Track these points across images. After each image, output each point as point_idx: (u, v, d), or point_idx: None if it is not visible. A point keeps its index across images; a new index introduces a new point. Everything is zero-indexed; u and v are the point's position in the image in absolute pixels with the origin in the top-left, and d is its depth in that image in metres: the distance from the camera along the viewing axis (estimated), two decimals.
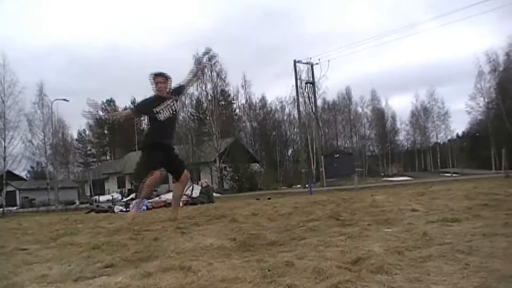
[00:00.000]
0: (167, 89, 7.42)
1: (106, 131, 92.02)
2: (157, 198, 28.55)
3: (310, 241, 4.20)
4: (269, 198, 17.46)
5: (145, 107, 7.62)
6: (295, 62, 48.99)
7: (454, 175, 58.75)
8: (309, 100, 54.60)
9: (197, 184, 30.13)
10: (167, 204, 20.67)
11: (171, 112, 7.36)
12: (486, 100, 65.63)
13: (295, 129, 65.01)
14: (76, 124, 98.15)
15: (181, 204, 20.81)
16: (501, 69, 61.35)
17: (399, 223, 4.97)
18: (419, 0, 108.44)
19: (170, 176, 9.76)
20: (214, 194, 34.51)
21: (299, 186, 49.76)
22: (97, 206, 25.28)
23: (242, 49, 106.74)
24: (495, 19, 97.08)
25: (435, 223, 4.65)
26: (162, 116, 7.27)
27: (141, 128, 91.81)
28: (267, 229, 5.41)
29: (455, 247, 3.30)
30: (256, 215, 7.41)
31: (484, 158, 72.49)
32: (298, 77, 50.81)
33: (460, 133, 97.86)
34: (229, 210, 8.96)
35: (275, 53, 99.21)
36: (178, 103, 7.58)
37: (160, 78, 7.35)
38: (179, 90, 7.78)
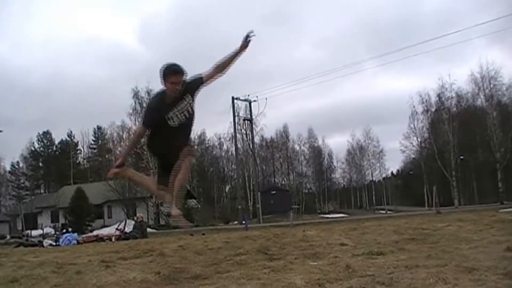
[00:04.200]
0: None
1: (41, 164, 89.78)
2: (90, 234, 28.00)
3: (234, 274, 4.14)
4: (203, 234, 17.29)
5: (154, 117, 5.59)
6: (233, 98, 49.26)
7: (388, 212, 59.79)
8: (247, 137, 54.89)
9: (132, 219, 29.70)
10: (98, 239, 20.28)
11: (186, 115, 5.58)
12: (419, 139, 67.62)
13: (233, 166, 65.10)
14: (10, 155, 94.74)
15: (113, 239, 20.55)
16: (433, 109, 63.23)
17: (326, 256, 4.96)
18: (360, 41, 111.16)
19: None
20: (150, 230, 34.05)
21: (236, 222, 49.56)
22: (26, 240, 24.49)
23: None
24: (429, 62, 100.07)
25: (360, 256, 4.66)
26: (173, 123, 5.53)
27: (77, 162, 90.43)
28: (193, 263, 5.33)
29: (376, 279, 3.30)
30: (185, 249, 7.29)
31: (418, 196, 74.18)
32: (236, 113, 51.11)
33: (394, 171, 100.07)
34: (159, 245, 8.80)
35: (219, 89, 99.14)
36: (194, 103, 5.65)
37: (180, 76, 5.39)
38: (197, 84, 5.70)
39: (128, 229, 22.64)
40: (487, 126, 56.52)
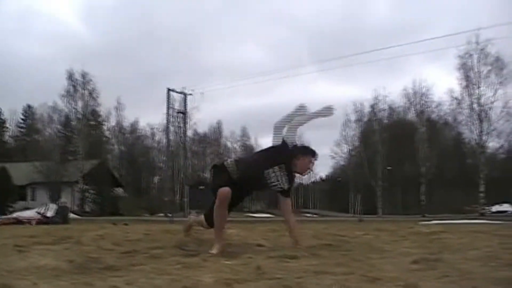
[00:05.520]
0: None
1: None
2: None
3: (146, 267, 4.16)
4: (126, 224, 17.11)
5: None
6: (168, 90, 48.91)
7: (314, 216, 60.69)
8: (180, 130, 54.67)
9: (55, 203, 29.16)
10: (17, 222, 19.87)
11: None
12: (349, 147, 68.95)
13: (164, 157, 64.59)
14: None
15: (33, 223, 20.13)
16: (365, 119, 64.70)
17: (240, 256, 5.02)
18: (304, 44, 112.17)
19: None
20: (74, 216, 33.49)
21: (162, 214, 49.28)
22: None
23: (126, 69, 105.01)
24: (369, 72, 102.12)
25: (274, 259, 4.73)
26: None
27: (3, 140, 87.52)
28: (109, 253, 5.31)
29: (282, 282, 3.38)
30: (104, 238, 7.22)
31: (344, 202, 75.66)
32: (171, 105, 50.80)
33: (323, 177, 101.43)
34: (78, 232, 8.68)
35: (155, 79, 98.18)
36: None
37: None
38: None
39: (50, 213, 22.23)
40: (415, 140, 58.23)
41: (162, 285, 3.34)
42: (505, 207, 56.97)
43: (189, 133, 60.43)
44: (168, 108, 49.85)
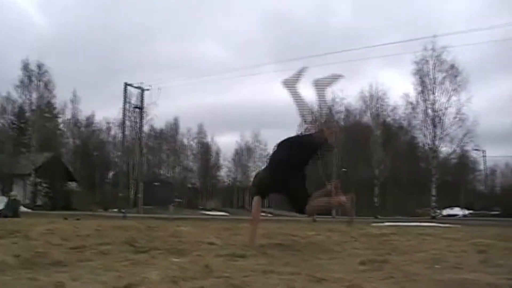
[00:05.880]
0: None
1: None
2: None
3: (93, 263, 4.13)
4: (78, 219, 16.90)
5: None
6: (125, 84, 48.46)
7: (269, 215, 60.90)
8: (136, 125, 54.20)
9: (6, 196, 28.65)
10: None
11: None
12: None
13: (119, 152, 63.85)
14: None
15: None
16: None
17: (190, 254, 5.02)
18: (264, 44, 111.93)
19: None
20: (25, 210, 32.90)
21: (116, 210, 48.78)
22: None
23: (83, 62, 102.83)
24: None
25: (223, 257, 4.75)
26: None
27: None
28: (57, 249, 5.24)
29: (230, 281, 3.39)
30: (53, 233, 7.13)
31: None
32: (128, 100, 50.31)
33: None
34: (28, 226, 8.56)
35: (113, 73, 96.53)
36: None
37: None
38: None
39: (0, 206, 21.76)
40: (370, 143, 59.00)
41: (108, 282, 3.32)
42: (455, 210, 58.36)
43: (145, 128, 59.96)
44: (124, 102, 49.40)
